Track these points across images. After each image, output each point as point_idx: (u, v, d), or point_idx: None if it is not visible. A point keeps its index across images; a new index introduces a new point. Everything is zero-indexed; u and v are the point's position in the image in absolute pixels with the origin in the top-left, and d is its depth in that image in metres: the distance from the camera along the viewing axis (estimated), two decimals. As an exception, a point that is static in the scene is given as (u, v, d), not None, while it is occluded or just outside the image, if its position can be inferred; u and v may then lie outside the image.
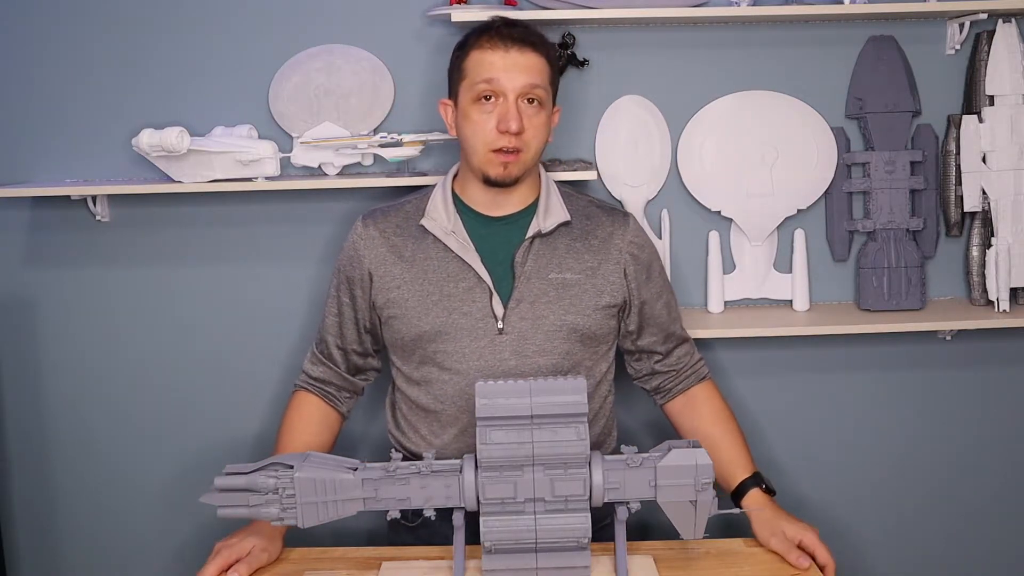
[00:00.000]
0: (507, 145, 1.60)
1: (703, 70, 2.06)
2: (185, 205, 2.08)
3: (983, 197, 2.04)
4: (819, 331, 2.00)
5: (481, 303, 1.65)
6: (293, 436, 1.71)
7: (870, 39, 2.05)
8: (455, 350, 1.64)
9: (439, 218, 1.68)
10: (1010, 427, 2.20)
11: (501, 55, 1.60)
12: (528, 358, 1.64)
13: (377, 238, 1.71)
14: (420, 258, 1.68)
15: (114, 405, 2.14)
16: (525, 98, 1.61)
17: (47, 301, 2.11)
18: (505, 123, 1.59)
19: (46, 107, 2.05)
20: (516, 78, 1.60)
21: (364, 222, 1.74)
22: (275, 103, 2.02)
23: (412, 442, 1.73)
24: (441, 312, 1.65)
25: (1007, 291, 2.03)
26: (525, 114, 1.61)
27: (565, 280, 1.66)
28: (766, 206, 2.07)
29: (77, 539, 2.18)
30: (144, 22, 2.02)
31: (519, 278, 1.65)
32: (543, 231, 1.67)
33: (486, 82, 1.60)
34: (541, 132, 1.64)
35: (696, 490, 1.36)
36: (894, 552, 2.22)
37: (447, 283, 1.66)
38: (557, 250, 1.68)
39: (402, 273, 1.68)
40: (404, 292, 1.67)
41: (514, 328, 1.64)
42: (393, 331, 1.70)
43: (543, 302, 1.65)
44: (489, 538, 1.37)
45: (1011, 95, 2.00)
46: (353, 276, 1.73)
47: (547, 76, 1.64)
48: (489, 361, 1.64)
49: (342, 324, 1.75)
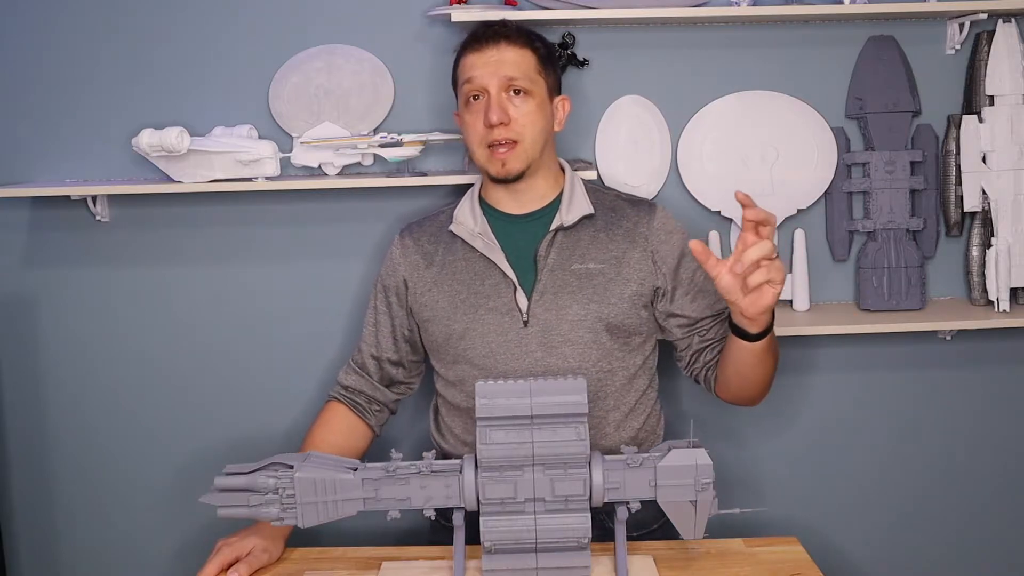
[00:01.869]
0: (497, 138, 1.64)
1: (703, 70, 2.06)
2: (185, 205, 2.08)
3: (983, 197, 2.04)
4: (819, 331, 2.00)
5: (506, 298, 1.67)
6: (316, 442, 1.73)
7: (870, 39, 2.05)
8: (483, 346, 1.67)
9: (466, 221, 1.72)
10: (1010, 427, 2.20)
11: (478, 55, 1.66)
12: (555, 349, 1.65)
13: (412, 247, 1.77)
14: (449, 261, 1.72)
15: (114, 405, 2.14)
16: (509, 90, 1.65)
17: (47, 301, 2.11)
18: (488, 117, 1.63)
19: (46, 107, 2.05)
20: (493, 72, 1.64)
21: (402, 234, 1.81)
22: (275, 103, 2.02)
23: (449, 443, 1.76)
24: (468, 310, 1.68)
25: (1007, 291, 2.03)
26: (510, 105, 1.64)
27: (588, 270, 1.67)
28: (766, 206, 2.05)
29: (77, 539, 2.18)
30: (144, 22, 2.02)
31: (541, 270, 1.68)
32: (565, 224, 1.69)
33: (468, 82, 1.67)
34: (534, 120, 1.66)
35: (696, 490, 1.36)
36: (894, 552, 2.22)
37: (474, 282, 1.69)
38: (580, 241, 1.70)
39: (433, 277, 1.73)
40: (435, 295, 1.72)
41: (538, 320, 1.66)
42: (428, 334, 1.74)
43: (567, 292, 1.66)
44: (489, 538, 1.37)
45: (1011, 95, 2.00)
46: (389, 285, 1.78)
47: (531, 66, 1.67)
48: (516, 354, 1.66)
49: (378, 332, 1.80)
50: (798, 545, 1.58)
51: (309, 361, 2.11)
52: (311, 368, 2.11)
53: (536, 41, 1.71)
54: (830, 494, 2.19)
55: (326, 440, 1.73)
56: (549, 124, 1.71)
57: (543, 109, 1.68)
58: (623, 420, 1.71)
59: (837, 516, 2.20)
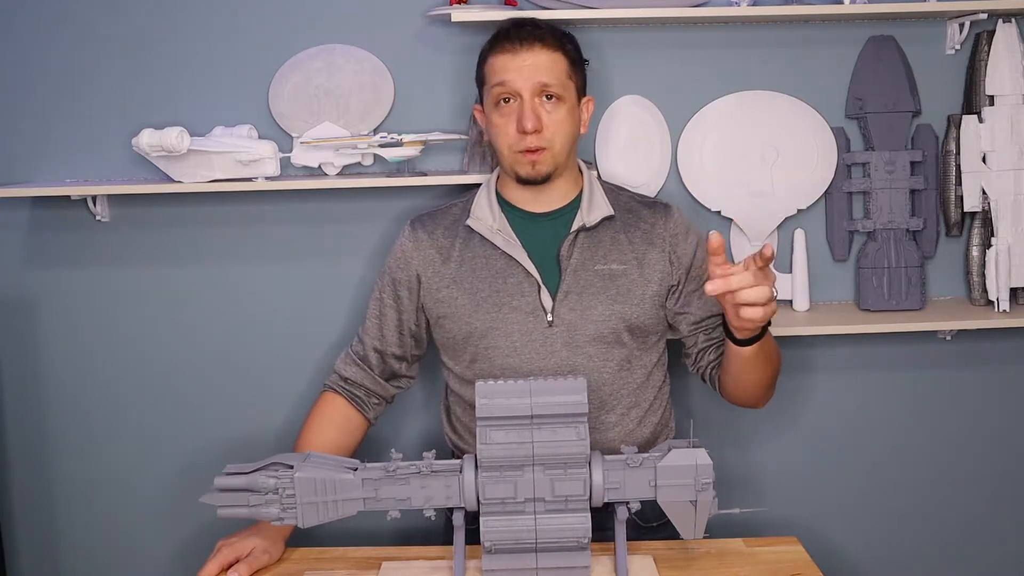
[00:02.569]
0: (529, 145, 1.63)
1: (703, 70, 2.06)
2: (185, 205, 2.08)
3: (983, 197, 2.04)
4: (819, 331, 2.00)
5: (530, 297, 1.66)
6: (311, 437, 1.71)
7: (870, 39, 2.05)
8: (507, 345, 1.66)
9: (484, 217, 1.70)
10: (1010, 427, 2.20)
11: (511, 57, 1.64)
12: (579, 348, 1.65)
13: (425, 240, 1.74)
14: (468, 257, 1.70)
15: (114, 405, 2.14)
16: (542, 95, 1.63)
17: (47, 301, 2.11)
18: (521, 124, 1.62)
19: (46, 107, 2.05)
20: (528, 77, 1.63)
21: (412, 226, 1.77)
22: (275, 103, 2.02)
23: (467, 443, 1.74)
24: (491, 308, 1.67)
25: (1007, 291, 2.03)
26: (543, 111, 1.63)
27: (612, 271, 1.67)
28: (766, 206, 2.07)
29: (77, 539, 2.18)
30: (144, 22, 2.02)
31: (566, 271, 1.67)
32: (587, 225, 1.69)
33: (500, 85, 1.64)
34: (564, 126, 1.65)
35: (696, 490, 1.36)
36: (894, 552, 2.22)
37: (495, 280, 1.68)
38: (602, 243, 1.69)
39: (451, 273, 1.70)
40: (453, 292, 1.69)
41: (563, 320, 1.65)
42: (444, 331, 1.72)
43: (590, 293, 1.66)
44: (489, 538, 1.37)
45: (1011, 95, 2.00)
46: (400, 278, 1.74)
47: (563, 70, 1.66)
48: (540, 354, 1.65)
49: (383, 326, 1.77)
50: (798, 545, 1.58)
51: (310, 361, 2.11)
52: (312, 368, 2.11)
53: (567, 43, 1.69)
54: (830, 494, 2.19)
55: (323, 435, 1.71)
56: (577, 128, 1.70)
57: (572, 114, 1.67)
58: (644, 416, 1.71)
59: (837, 516, 2.19)
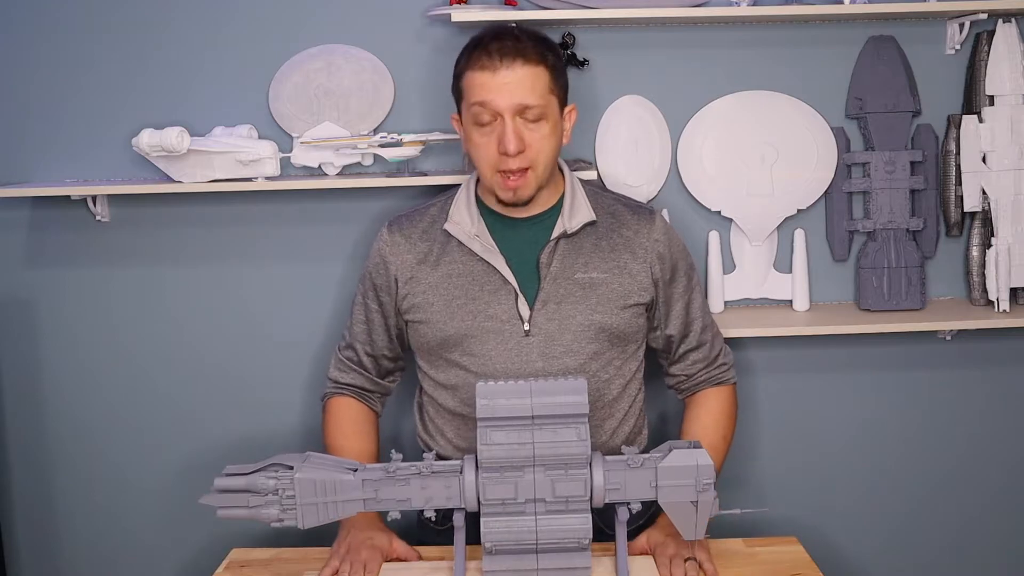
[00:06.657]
0: (511, 167, 1.58)
1: (703, 70, 2.06)
2: (185, 205, 2.08)
3: (983, 197, 2.04)
4: (819, 331, 2.00)
5: (507, 305, 1.63)
6: (349, 441, 1.72)
7: (870, 39, 2.05)
8: (482, 353, 1.63)
9: (463, 222, 1.66)
10: (1010, 427, 2.20)
11: (490, 75, 1.56)
12: (555, 359, 1.63)
13: (402, 244, 1.71)
14: (445, 262, 1.67)
15: (114, 405, 2.14)
16: (524, 113, 1.57)
17: (47, 301, 2.11)
18: (503, 146, 1.56)
19: (46, 107, 2.05)
20: (508, 97, 1.56)
21: (390, 229, 1.73)
22: (275, 103, 2.02)
23: (440, 446, 1.73)
24: (467, 316, 1.64)
25: (1007, 291, 2.03)
26: (525, 130, 1.57)
27: (592, 280, 1.64)
28: (766, 206, 2.07)
29: (77, 539, 2.18)
30: (144, 22, 2.02)
31: (545, 279, 1.64)
32: (568, 231, 1.65)
33: (480, 104, 1.57)
34: (548, 143, 1.60)
35: (697, 491, 1.37)
36: (894, 551, 2.22)
37: (472, 286, 1.65)
38: (583, 250, 1.66)
39: (427, 278, 1.67)
40: (430, 297, 1.66)
41: (540, 330, 1.63)
42: (419, 336, 1.69)
43: (569, 302, 1.63)
44: (490, 539, 1.37)
45: (1011, 95, 2.00)
46: (379, 283, 1.72)
47: (545, 85, 1.58)
48: (516, 363, 1.63)
49: (371, 331, 1.75)
50: (798, 545, 1.58)
51: (311, 360, 2.11)
52: (312, 368, 2.11)
53: (548, 52, 1.61)
54: (830, 494, 2.19)
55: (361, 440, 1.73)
56: (560, 141, 1.64)
57: (556, 129, 1.61)
58: (617, 427, 1.70)
59: (837, 516, 2.19)
